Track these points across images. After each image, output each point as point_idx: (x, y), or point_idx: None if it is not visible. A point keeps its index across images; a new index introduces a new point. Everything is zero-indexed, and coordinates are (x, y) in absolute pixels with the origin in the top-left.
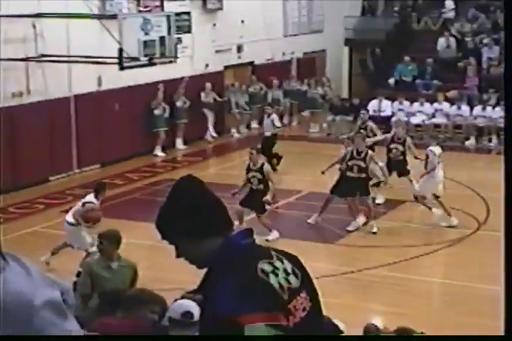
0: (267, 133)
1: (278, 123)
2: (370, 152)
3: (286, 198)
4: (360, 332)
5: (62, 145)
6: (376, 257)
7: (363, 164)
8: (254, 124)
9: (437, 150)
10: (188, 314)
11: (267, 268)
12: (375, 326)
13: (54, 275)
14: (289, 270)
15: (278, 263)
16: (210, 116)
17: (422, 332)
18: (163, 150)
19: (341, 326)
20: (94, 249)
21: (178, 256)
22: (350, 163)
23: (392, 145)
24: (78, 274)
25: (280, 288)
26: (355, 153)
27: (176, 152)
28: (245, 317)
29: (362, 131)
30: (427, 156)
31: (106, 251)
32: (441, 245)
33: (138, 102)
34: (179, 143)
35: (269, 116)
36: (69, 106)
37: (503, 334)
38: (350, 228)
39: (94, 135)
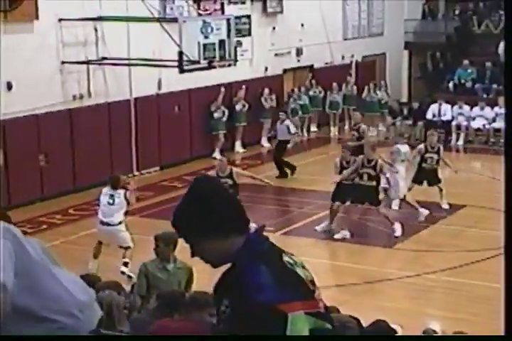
0: (280, 138)
1: (293, 130)
2: (380, 161)
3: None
4: None
5: (121, 147)
6: (434, 261)
7: (373, 172)
8: (314, 128)
9: (403, 148)
10: None
11: (290, 260)
12: (434, 331)
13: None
14: (302, 263)
15: (294, 257)
16: (266, 124)
17: None
18: (222, 153)
19: (399, 330)
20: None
21: (193, 255)
22: (361, 171)
23: (427, 155)
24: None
25: (306, 278)
26: (365, 162)
27: (234, 155)
28: (287, 304)
29: (354, 132)
30: (392, 154)
31: (162, 252)
32: (500, 250)
33: (197, 105)
34: (238, 146)
35: (282, 122)
36: (129, 108)
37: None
38: (317, 228)
39: (154, 138)
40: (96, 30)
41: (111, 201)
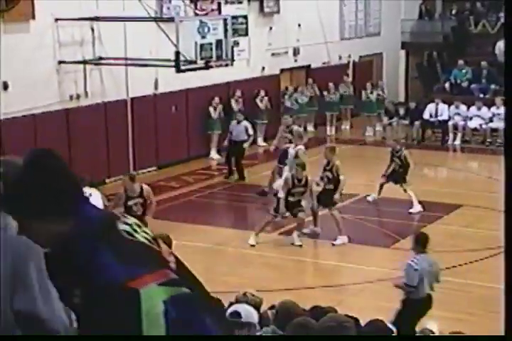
0: (236, 139)
1: (251, 131)
2: (337, 163)
3: (342, 201)
4: None
5: (118, 147)
6: None
7: (330, 175)
8: (310, 128)
9: (292, 151)
10: (234, 313)
11: (127, 228)
12: (430, 331)
13: None
14: (136, 222)
15: (128, 218)
16: (262, 124)
17: None
18: (219, 152)
19: (395, 330)
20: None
21: (20, 232)
22: (321, 175)
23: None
24: None
25: (149, 241)
26: (325, 164)
27: None
28: (135, 280)
29: (288, 135)
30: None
31: None
32: (499, 249)
33: (194, 105)
34: None
35: (239, 122)
36: (126, 108)
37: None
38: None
39: (151, 138)
40: (93, 29)
41: None
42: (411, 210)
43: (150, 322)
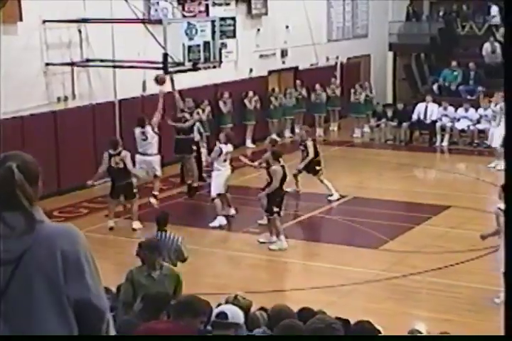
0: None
1: (202, 130)
2: (274, 167)
3: (330, 203)
4: None
5: (106, 149)
6: (419, 262)
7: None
8: (298, 129)
9: (225, 148)
10: (221, 314)
11: None
12: (419, 331)
13: None
14: None
15: None
16: (250, 126)
17: None
18: (209, 155)
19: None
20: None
21: None
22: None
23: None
24: None
25: None
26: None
27: None
28: None
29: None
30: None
31: (147, 260)
32: (486, 250)
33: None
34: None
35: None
36: (114, 110)
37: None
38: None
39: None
40: (80, 31)
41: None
42: (330, 198)
43: None
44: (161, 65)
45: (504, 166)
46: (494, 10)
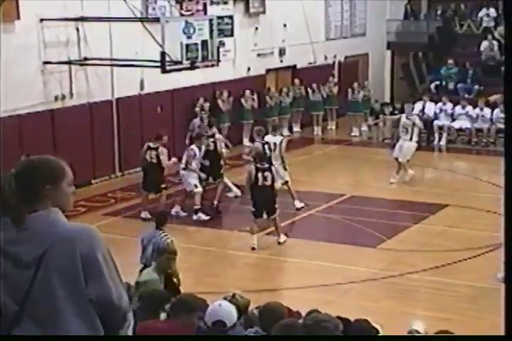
0: None
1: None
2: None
3: (328, 202)
4: None
5: (104, 148)
6: (417, 261)
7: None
8: (297, 128)
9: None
10: (219, 323)
11: None
12: (417, 331)
13: None
14: None
15: None
16: (247, 125)
17: None
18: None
19: (380, 330)
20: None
21: None
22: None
23: None
24: None
25: None
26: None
27: None
28: None
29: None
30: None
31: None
32: (484, 249)
33: (180, 105)
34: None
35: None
36: (111, 109)
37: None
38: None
39: (137, 138)
40: (78, 30)
41: None
42: (228, 194)
43: None
44: (158, 64)
45: (504, 166)
46: (491, 12)
